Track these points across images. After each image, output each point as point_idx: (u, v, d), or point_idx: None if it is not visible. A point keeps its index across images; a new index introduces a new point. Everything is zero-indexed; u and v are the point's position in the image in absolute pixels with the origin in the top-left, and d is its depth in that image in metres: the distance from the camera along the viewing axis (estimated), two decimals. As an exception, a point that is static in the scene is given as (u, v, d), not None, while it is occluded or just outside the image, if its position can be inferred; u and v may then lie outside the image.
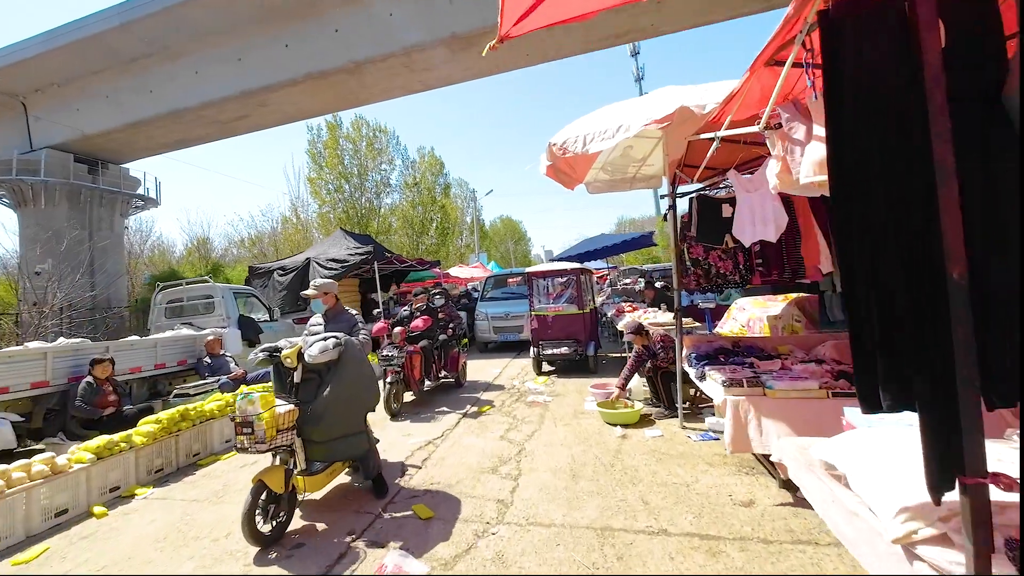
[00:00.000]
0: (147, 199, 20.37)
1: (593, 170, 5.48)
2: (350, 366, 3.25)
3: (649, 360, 5.07)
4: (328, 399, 3.11)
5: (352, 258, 9.39)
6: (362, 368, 3.40)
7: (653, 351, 5.04)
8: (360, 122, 28.25)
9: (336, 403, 3.13)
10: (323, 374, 3.24)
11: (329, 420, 3.11)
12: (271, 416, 2.88)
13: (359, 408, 3.40)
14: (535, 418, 5.33)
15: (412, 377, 5.80)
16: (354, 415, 3.35)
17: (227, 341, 7.17)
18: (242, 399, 2.88)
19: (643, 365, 5.17)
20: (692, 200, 3.88)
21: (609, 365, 8.07)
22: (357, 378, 3.30)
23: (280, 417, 2.94)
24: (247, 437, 2.81)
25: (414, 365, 5.82)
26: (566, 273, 7.69)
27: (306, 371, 3.23)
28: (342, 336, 3.30)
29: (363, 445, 3.40)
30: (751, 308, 5.50)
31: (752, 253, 4.07)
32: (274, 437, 2.88)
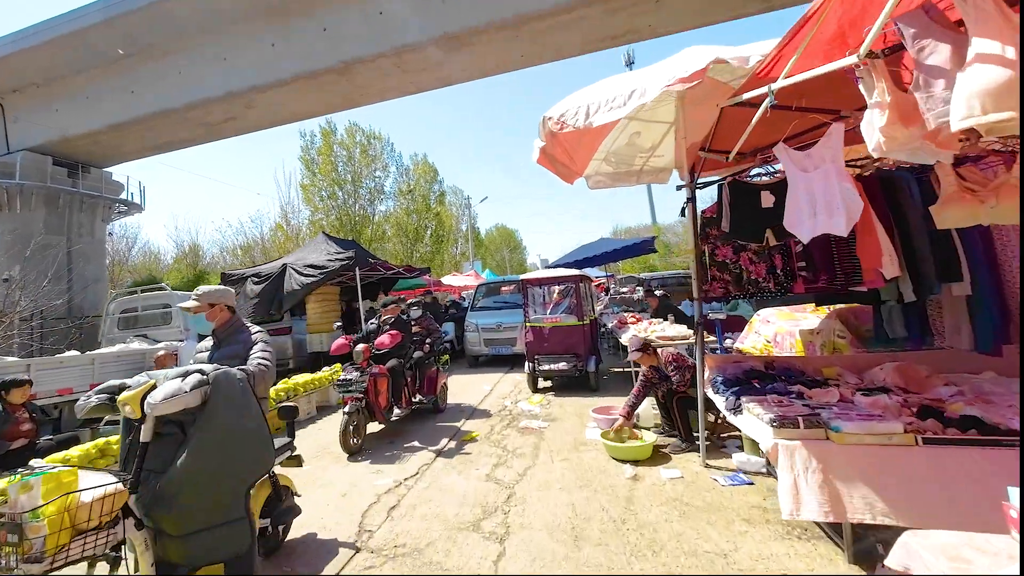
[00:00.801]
0: (131, 204, 19.48)
1: (595, 161, 4.69)
2: (221, 417, 2.12)
3: (661, 384, 4.26)
4: (183, 469, 2.00)
5: (332, 264, 8.56)
6: (241, 419, 2.20)
7: (664, 373, 4.23)
8: (354, 128, 27.67)
9: (196, 475, 2.02)
10: (187, 427, 2.11)
11: (186, 502, 2.01)
12: (59, 512, 1.76)
13: (233, 482, 2.19)
14: (529, 449, 4.49)
15: (377, 405, 4.80)
16: (226, 493, 2.15)
17: (184, 356, 6.31)
18: (13, 484, 1.75)
19: (653, 390, 4.36)
20: (722, 188, 3.08)
21: (611, 381, 7.24)
22: (230, 435, 2.15)
23: (82, 510, 1.85)
24: (14, 550, 1.68)
25: (379, 390, 4.83)
26: (564, 280, 6.88)
27: (161, 423, 2.08)
28: (212, 369, 2.17)
29: (241, 540, 2.16)
30: (777, 320, 4.71)
31: (793, 254, 3.28)
32: (65, 547, 1.78)
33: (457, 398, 6.84)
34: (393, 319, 5.52)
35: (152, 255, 28.54)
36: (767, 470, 3.48)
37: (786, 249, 3.27)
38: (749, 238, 2.99)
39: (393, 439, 5.07)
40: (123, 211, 19.63)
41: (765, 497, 3.16)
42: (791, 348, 4.32)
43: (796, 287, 3.28)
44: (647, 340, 4.36)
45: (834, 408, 2.64)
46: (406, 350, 5.50)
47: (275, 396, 5.59)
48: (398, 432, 5.29)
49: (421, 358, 5.71)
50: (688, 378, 4.08)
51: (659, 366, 4.29)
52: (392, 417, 5.18)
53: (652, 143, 4.58)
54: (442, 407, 6.13)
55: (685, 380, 4.09)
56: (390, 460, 4.44)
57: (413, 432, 5.29)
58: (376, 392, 4.78)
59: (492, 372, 8.64)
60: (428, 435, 5.14)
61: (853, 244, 3.09)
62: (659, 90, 2.54)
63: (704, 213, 3.71)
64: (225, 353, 2.62)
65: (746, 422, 2.81)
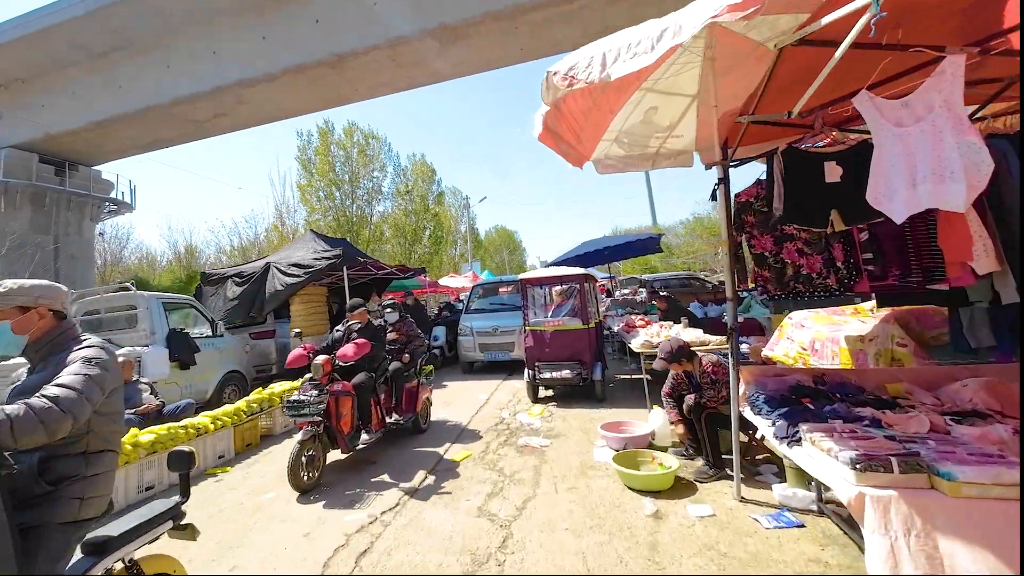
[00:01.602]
0: (120, 203, 18.84)
1: (604, 142, 4.06)
2: None
3: (690, 394, 3.63)
4: None
5: (318, 263, 7.91)
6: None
7: (696, 382, 3.59)
8: (352, 128, 27.05)
9: None
10: None
11: None
12: None
13: None
14: (529, 474, 3.83)
15: (339, 430, 3.89)
16: None
17: (148, 363, 5.65)
18: None
19: (678, 401, 3.72)
20: (773, 159, 2.43)
21: (617, 390, 6.59)
22: None
23: None
24: None
25: (342, 412, 3.90)
26: (567, 280, 6.23)
27: None
28: None
29: None
30: (814, 325, 4.06)
31: (857, 243, 2.63)
32: None
33: (450, 408, 6.19)
34: (362, 325, 4.61)
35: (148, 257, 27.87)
36: (818, 507, 2.84)
37: (846, 238, 2.62)
38: (809, 221, 2.34)
39: (361, 470, 4.15)
40: (113, 210, 18.99)
41: (823, 546, 2.51)
42: (833, 358, 3.68)
43: (860, 284, 2.64)
44: (685, 343, 3.68)
45: (930, 442, 2.00)
46: (379, 361, 4.63)
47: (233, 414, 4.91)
48: (367, 460, 4.36)
49: (398, 370, 4.81)
50: (724, 395, 3.43)
51: (692, 373, 3.65)
52: (359, 444, 4.23)
53: (671, 121, 3.94)
54: (424, 426, 5.21)
55: (720, 396, 3.44)
56: (351, 501, 3.48)
57: (387, 460, 4.38)
58: (338, 414, 3.87)
59: (489, 379, 7.98)
60: (405, 463, 4.24)
61: (932, 233, 2.45)
62: (701, 23, 1.90)
63: (738, 197, 3.07)
64: (39, 375, 1.67)
65: (808, 457, 2.17)
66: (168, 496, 2.08)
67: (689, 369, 3.63)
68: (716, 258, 31.12)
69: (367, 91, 15.54)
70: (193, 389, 6.22)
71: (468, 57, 14.03)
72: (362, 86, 15.15)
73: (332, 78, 14.46)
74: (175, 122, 15.97)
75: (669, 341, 3.65)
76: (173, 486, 4.16)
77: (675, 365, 3.57)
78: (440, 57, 13.77)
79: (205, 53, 14.19)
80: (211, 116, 15.78)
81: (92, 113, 15.43)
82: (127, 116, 15.33)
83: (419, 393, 5.01)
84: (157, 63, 14.63)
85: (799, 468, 2.94)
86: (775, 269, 2.88)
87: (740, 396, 3.07)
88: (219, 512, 3.53)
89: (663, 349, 3.61)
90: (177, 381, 6.07)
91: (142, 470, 3.95)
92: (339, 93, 15.46)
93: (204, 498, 3.82)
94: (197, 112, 15.52)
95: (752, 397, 2.95)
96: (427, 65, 14.12)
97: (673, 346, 3.57)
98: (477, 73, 15.09)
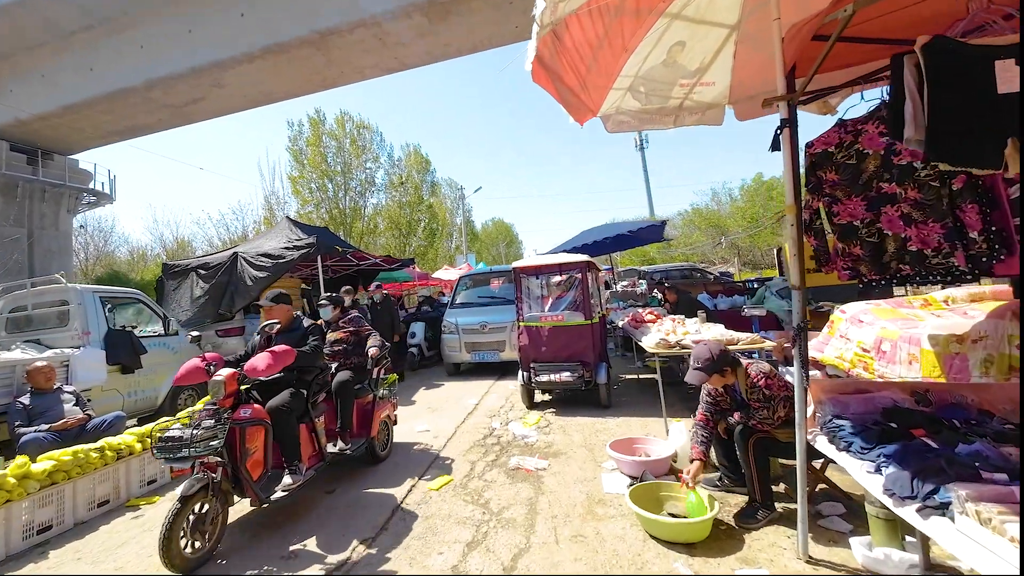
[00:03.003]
0: (100, 194, 17.78)
1: (616, 91, 3.16)
2: None
3: (734, 413, 2.78)
4: None
5: (289, 253, 6.99)
6: None
7: (742, 399, 2.73)
8: (344, 118, 25.99)
9: None
10: None
11: None
12: None
13: None
14: (521, 511, 2.97)
15: (246, 474, 2.63)
16: None
17: (78, 367, 4.76)
18: None
19: (716, 419, 2.88)
20: (903, 62, 1.48)
21: (623, 393, 5.74)
22: None
23: None
24: None
25: (250, 448, 2.66)
26: (567, 268, 5.35)
27: None
28: None
29: None
30: (878, 320, 3.19)
31: (1005, 202, 1.73)
32: None
33: (435, 415, 5.32)
34: (281, 325, 3.36)
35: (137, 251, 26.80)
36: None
37: (984, 195, 1.74)
38: (967, 157, 1.42)
39: (279, 529, 2.90)
40: (92, 202, 17.94)
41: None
42: (911, 363, 2.81)
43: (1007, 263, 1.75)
44: (727, 348, 2.79)
45: None
46: (314, 373, 3.36)
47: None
48: (292, 514, 3.07)
49: (345, 383, 3.64)
50: (781, 416, 2.57)
51: (736, 387, 2.78)
52: (276, 492, 2.85)
53: (700, 62, 3.05)
54: (383, 453, 4.00)
55: (776, 417, 2.57)
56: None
57: (321, 511, 3.10)
58: (243, 452, 2.61)
59: (479, 380, 7.10)
60: (347, 515, 3.03)
61: None
62: None
63: (810, 148, 2.19)
64: None
65: (973, 543, 1.30)
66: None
67: (731, 382, 2.76)
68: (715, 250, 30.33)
69: (354, 73, 14.52)
70: (138, 397, 5.34)
71: (459, 36, 13.02)
72: (348, 68, 14.12)
73: (316, 59, 13.43)
74: (152, 107, 14.91)
75: (707, 346, 2.75)
76: (81, 524, 3.30)
77: (716, 377, 2.69)
78: (430, 35, 12.76)
79: (179, 32, 13.13)
80: (189, 100, 14.73)
81: (63, 97, 14.36)
82: (100, 99, 14.27)
83: (375, 411, 3.84)
84: (129, 43, 13.55)
85: (891, 519, 2.11)
86: (869, 244, 2.01)
87: (809, 418, 2.21)
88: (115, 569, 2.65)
89: (699, 357, 2.70)
90: (118, 388, 5.17)
91: (34, 508, 3.06)
92: (325, 76, 14.43)
93: (108, 543, 2.94)
94: (174, 96, 14.47)
95: (829, 423, 2.09)
96: (417, 44, 13.10)
97: (714, 352, 2.67)
98: (470, 53, 14.07)
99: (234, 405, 2.77)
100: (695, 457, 2.73)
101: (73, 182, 16.74)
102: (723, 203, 31.72)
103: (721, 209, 31.48)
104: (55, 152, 16.42)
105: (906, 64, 1.45)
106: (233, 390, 2.77)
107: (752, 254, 29.31)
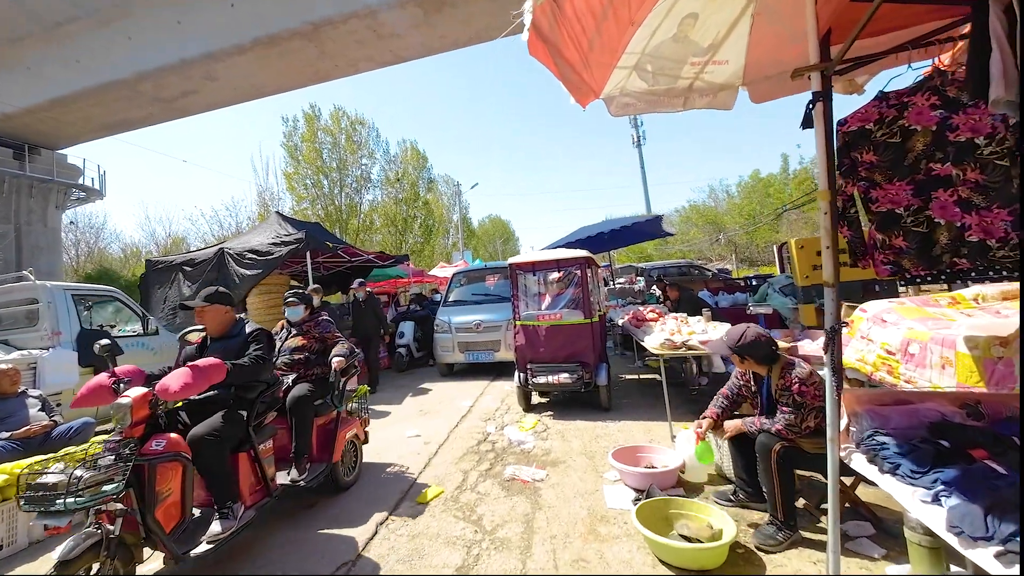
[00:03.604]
0: (89, 190, 17.35)
1: (621, 70, 2.87)
2: None
3: (756, 416, 2.54)
4: None
5: (277, 249, 6.67)
6: None
7: (768, 397, 2.51)
8: (340, 113, 25.58)
9: None
10: None
11: None
12: None
13: None
14: (517, 529, 2.70)
15: (154, 524, 2.01)
16: None
17: (47, 370, 4.47)
18: None
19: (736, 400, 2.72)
20: (993, 10, 1.19)
21: (623, 394, 5.46)
22: None
23: None
24: None
25: (162, 491, 2.07)
26: (566, 264, 5.06)
27: None
28: None
29: None
30: (904, 320, 2.94)
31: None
32: None
33: (427, 419, 5.04)
34: (215, 331, 2.74)
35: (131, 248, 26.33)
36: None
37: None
38: None
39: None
40: (81, 198, 17.51)
41: None
42: (944, 368, 2.55)
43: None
44: (768, 335, 2.56)
45: None
46: (262, 389, 2.67)
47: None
48: (242, 553, 2.56)
49: (302, 398, 3.01)
50: (810, 425, 2.31)
51: (767, 383, 2.57)
52: (200, 545, 2.20)
53: (713, 37, 2.77)
54: (349, 479, 3.37)
55: (806, 426, 2.31)
56: None
57: (260, 566, 2.46)
58: (152, 497, 2.01)
59: (473, 381, 6.81)
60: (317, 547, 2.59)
61: None
62: None
63: (844, 125, 1.90)
64: None
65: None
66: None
67: (761, 373, 2.56)
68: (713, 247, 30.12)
69: (348, 66, 14.15)
70: (114, 399, 5.03)
71: (456, 27, 12.67)
72: (342, 61, 13.75)
73: (309, 51, 13.06)
74: (142, 100, 14.51)
75: (743, 328, 2.57)
76: (36, 544, 3.00)
77: (743, 362, 2.57)
78: (425, 27, 12.41)
79: (169, 22, 12.71)
80: (180, 94, 14.33)
81: (50, 90, 13.94)
82: (88, 93, 13.86)
83: (340, 430, 3.22)
84: (117, 34, 13.13)
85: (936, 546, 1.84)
86: (916, 235, 1.74)
87: (843, 432, 1.94)
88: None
89: (732, 336, 2.57)
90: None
91: (-19, 527, 2.77)
92: (318, 69, 14.06)
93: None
94: (164, 89, 14.07)
95: (868, 439, 1.82)
96: (411, 36, 12.74)
97: (748, 336, 2.50)
98: (467, 46, 13.72)
99: (146, 435, 2.14)
100: (708, 415, 2.75)
101: (61, 177, 16.31)
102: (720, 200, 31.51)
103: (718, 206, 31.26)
104: (43, 147, 15.98)
105: (992, 8, 1.18)
106: (143, 416, 2.10)
107: (749, 251, 29.12)
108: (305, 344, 3.42)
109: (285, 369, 3.32)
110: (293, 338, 3.47)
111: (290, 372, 3.31)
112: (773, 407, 2.52)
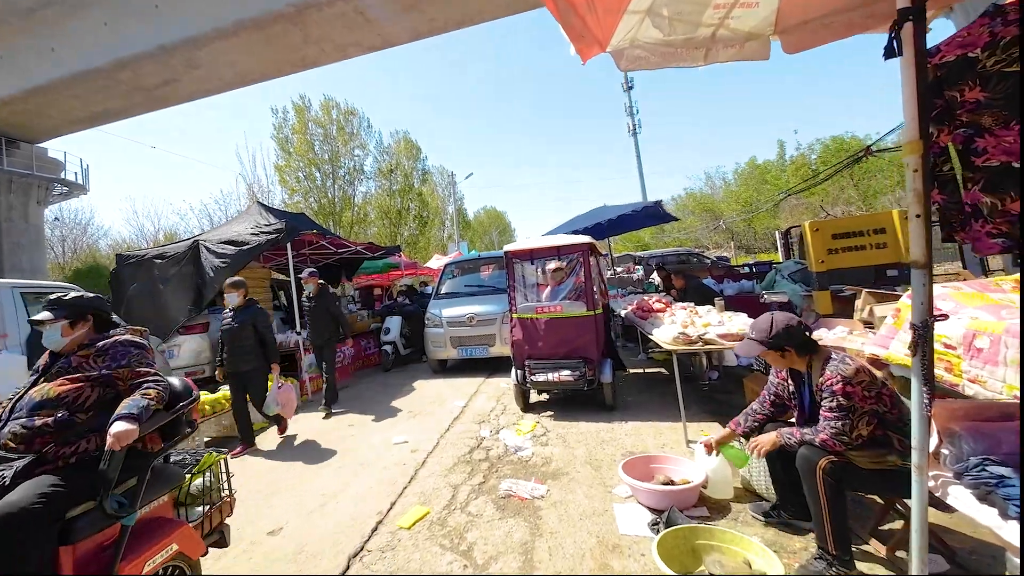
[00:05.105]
0: (72, 184, 16.68)
1: (632, 15, 2.36)
2: None
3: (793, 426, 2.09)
4: None
5: (255, 239, 6.16)
6: None
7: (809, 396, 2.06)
8: (330, 103, 24.86)
9: None
10: None
11: None
12: None
13: None
14: (512, 560, 2.24)
15: None
16: None
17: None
18: None
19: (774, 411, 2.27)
20: None
21: (628, 390, 5.00)
22: None
23: None
24: None
25: None
26: (567, 251, 4.58)
27: None
28: None
29: None
30: (964, 307, 2.49)
31: None
32: None
33: (416, 422, 4.59)
34: None
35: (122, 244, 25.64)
36: None
37: None
38: None
39: None
40: (64, 193, 16.84)
41: None
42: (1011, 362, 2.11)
43: None
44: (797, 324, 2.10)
45: None
46: None
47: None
48: None
49: (25, 517, 1.40)
50: (862, 434, 1.85)
51: (806, 379, 2.13)
52: None
53: (742, -30, 2.25)
54: (197, 555, 1.90)
55: (857, 435, 1.86)
56: None
57: None
58: None
59: (467, 378, 6.33)
60: None
61: None
62: None
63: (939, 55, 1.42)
64: None
65: None
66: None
67: (800, 369, 2.12)
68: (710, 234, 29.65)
69: (336, 52, 13.46)
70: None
71: (447, 9, 12.00)
72: (329, 46, 13.07)
73: (294, 36, 12.39)
74: (122, 90, 13.82)
75: (769, 316, 2.14)
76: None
77: (775, 356, 2.13)
78: (414, 9, 11.75)
79: (146, 6, 12.02)
80: (161, 82, 13.64)
81: (24, 80, 13.25)
82: (65, 82, 13.17)
83: (130, 560, 1.59)
84: (93, 20, 12.43)
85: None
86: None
87: (934, 450, 1.49)
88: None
89: (759, 328, 2.13)
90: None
91: None
92: (304, 55, 13.38)
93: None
94: (145, 78, 13.39)
95: (976, 468, 1.36)
96: (400, 19, 12.08)
97: (778, 323, 2.08)
98: (459, 28, 13.04)
99: None
100: (730, 425, 2.41)
101: (42, 171, 15.63)
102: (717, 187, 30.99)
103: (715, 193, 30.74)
104: (21, 140, 15.28)
105: None
106: None
107: (747, 238, 28.67)
108: (63, 394, 1.71)
109: (13, 446, 1.63)
110: (46, 383, 1.76)
111: (27, 452, 1.62)
112: (816, 412, 2.07)
